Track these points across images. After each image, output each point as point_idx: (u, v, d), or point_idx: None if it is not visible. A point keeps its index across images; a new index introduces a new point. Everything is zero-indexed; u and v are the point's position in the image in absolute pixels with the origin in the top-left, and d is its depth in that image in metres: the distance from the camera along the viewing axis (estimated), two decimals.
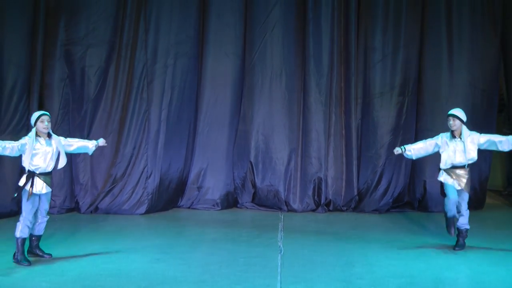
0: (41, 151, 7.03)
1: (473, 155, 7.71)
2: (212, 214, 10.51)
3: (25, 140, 6.97)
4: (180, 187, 10.95)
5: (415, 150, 7.98)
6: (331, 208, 10.93)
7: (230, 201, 11.04)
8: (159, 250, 7.79)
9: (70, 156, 10.27)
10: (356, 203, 10.97)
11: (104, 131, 10.40)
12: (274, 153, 10.98)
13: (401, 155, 8.18)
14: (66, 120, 10.37)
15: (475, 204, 11.07)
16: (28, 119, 10.07)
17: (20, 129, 9.96)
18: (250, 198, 11.08)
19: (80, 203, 10.38)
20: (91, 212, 10.34)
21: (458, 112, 7.75)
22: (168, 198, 10.72)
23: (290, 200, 10.91)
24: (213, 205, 10.87)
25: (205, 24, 10.86)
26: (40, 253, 7.30)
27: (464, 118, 7.79)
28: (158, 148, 10.46)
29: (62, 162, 7.17)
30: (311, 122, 10.88)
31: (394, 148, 10.75)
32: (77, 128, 10.36)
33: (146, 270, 6.92)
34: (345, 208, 10.91)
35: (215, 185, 10.90)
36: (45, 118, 7.06)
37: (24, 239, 7.07)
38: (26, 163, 6.96)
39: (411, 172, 11.08)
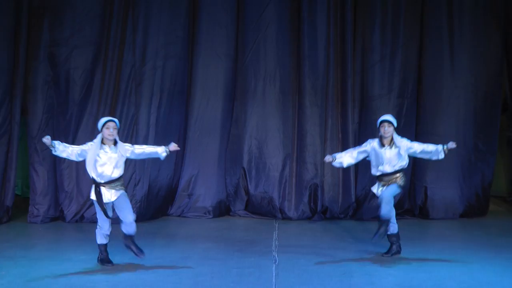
0: (106, 158, 7.07)
1: (405, 163, 7.81)
2: (204, 222, 10.49)
3: (87, 146, 7.05)
4: (170, 194, 10.95)
5: (344, 158, 7.95)
6: (327, 215, 10.92)
7: (222, 209, 11.02)
8: (148, 260, 7.73)
9: (54, 163, 10.28)
10: (354, 211, 10.97)
11: (90, 136, 10.21)
12: (268, 159, 10.99)
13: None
14: (50, 125, 10.36)
15: (477, 211, 11.10)
16: (11, 124, 10.07)
17: (2, 134, 9.91)
18: (243, 205, 11.10)
19: (65, 212, 10.35)
20: (77, 221, 10.33)
21: (392, 118, 7.76)
22: (157, 206, 10.72)
23: (285, 208, 10.91)
24: (205, 213, 10.84)
25: (196, 24, 10.87)
26: (135, 250, 7.34)
27: (396, 124, 7.80)
28: None
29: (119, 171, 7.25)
30: (306, 126, 10.88)
31: None
32: (62, 133, 10.33)
33: (134, 282, 6.88)
34: (342, 216, 10.90)
35: (206, 193, 10.89)
36: (111, 124, 7.09)
37: (104, 245, 7.36)
38: (89, 171, 7.07)
39: (412, 177, 11.07)
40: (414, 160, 10.94)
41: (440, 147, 7.85)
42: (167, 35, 10.56)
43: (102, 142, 7.14)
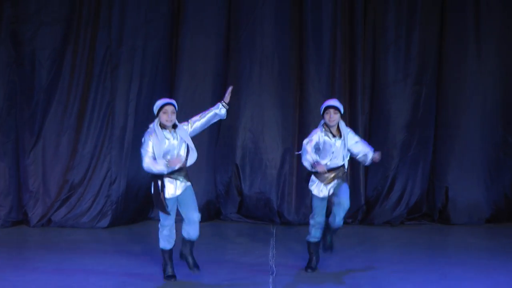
0: (168, 146, 7.10)
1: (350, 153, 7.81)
2: None
3: (149, 144, 7.02)
4: (151, 195, 10.72)
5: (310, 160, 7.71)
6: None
7: (211, 212, 11.00)
8: (126, 271, 7.74)
9: (17, 157, 10.25)
10: (364, 214, 10.98)
11: (59, 127, 10.37)
12: (265, 154, 10.98)
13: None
14: (12, 114, 10.34)
15: (506, 215, 11.10)
16: None
17: None
18: (235, 208, 11.07)
19: (30, 215, 10.33)
20: (43, 225, 10.31)
21: (338, 103, 7.65)
22: (137, 208, 10.73)
23: (284, 211, 10.91)
24: None
25: None
26: (191, 263, 7.32)
27: (342, 111, 7.72)
28: (125, 148, 10.44)
29: (193, 156, 7.25)
30: (309, 117, 10.84)
31: (409, 147, 10.88)
32: (26, 123, 10.33)
33: None
34: (350, 220, 10.83)
35: None
36: (169, 108, 7.11)
37: (166, 250, 7.32)
38: (158, 165, 7.05)
39: (430, 176, 11.07)
40: (434, 156, 11.00)
41: (370, 153, 7.79)
42: (149, 11, 10.55)
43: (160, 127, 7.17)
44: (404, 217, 10.95)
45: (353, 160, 10.91)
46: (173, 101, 7.26)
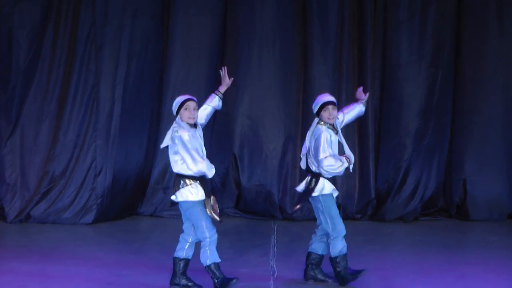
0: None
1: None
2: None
3: (186, 136, 6.92)
4: (140, 188, 10.98)
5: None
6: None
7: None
8: (112, 271, 7.71)
9: None
10: (374, 209, 10.99)
11: (38, 114, 10.38)
12: (265, 143, 11.01)
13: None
14: None
15: None
16: None
17: None
18: (233, 202, 11.11)
19: (6, 210, 10.34)
20: (21, 221, 10.32)
21: (333, 97, 7.55)
22: (124, 203, 10.74)
23: (286, 205, 10.92)
24: None
25: None
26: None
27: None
28: (111, 136, 10.44)
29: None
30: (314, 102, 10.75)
31: (423, 136, 10.85)
32: (2, 109, 10.36)
33: None
34: (359, 216, 10.92)
35: None
36: (191, 105, 7.06)
37: (183, 260, 7.22)
38: (197, 165, 6.95)
39: (447, 167, 11.11)
40: (451, 146, 11.03)
41: (359, 106, 7.75)
42: None
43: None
44: (418, 213, 10.97)
45: (362, 150, 11.00)
46: (195, 98, 7.20)
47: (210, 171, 7.05)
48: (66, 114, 10.32)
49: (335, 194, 7.47)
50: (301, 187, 7.48)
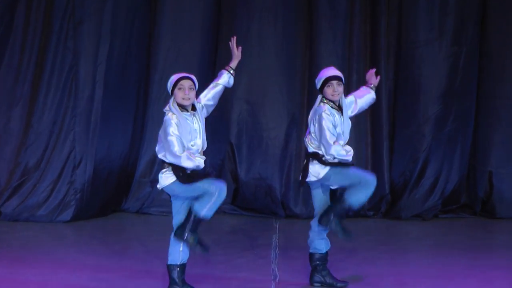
0: (191, 132, 7.03)
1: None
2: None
3: (175, 126, 6.86)
4: (125, 181, 11.02)
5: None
6: (350, 212, 10.72)
7: None
8: (93, 276, 7.70)
9: None
10: (388, 206, 11.03)
11: (9, 98, 10.42)
12: (266, 130, 11.05)
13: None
14: None
15: None
16: None
17: None
18: (230, 197, 11.06)
19: None
20: None
21: (339, 72, 7.48)
22: (107, 198, 10.77)
23: (290, 201, 10.98)
24: None
25: None
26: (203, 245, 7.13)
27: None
28: (91, 123, 10.45)
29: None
30: None
31: (444, 123, 10.83)
32: None
33: None
34: (371, 213, 10.94)
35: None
36: (186, 83, 6.99)
37: (180, 266, 7.09)
38: (181, 154, 6.86)
39: (471, 158, 11.15)
40: (475, 134, 11.10)
41: (371, 93, 7.69)
42: None
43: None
44: (439, 209, 10.98)
45: (374, 138, 10.96)
46: (192, 76, 7.15)
47: (188, 164, 6.89)
48: (41, 98, 10.31)
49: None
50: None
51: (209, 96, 7.23)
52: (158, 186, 7.04)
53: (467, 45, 10.94)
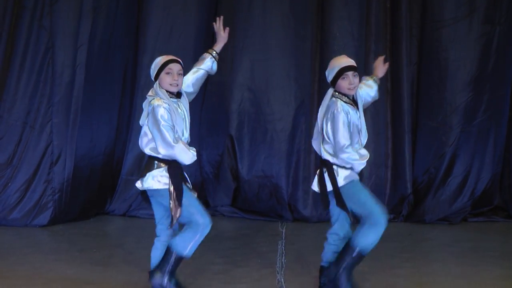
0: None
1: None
2: None
3: (161, 108, 6.92)
4: (109, 180, 11.14)
5: None
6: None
7: None
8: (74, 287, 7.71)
9: None
10: (411, 208, 11.08)
11: None
12: (271, 122, 11.12)
13: None
14: None
15: None
16: None
17: None
18: (229, 198, 11.25)
19: None
20: None
21: (353, 61, 7.44)
22: (89, 199, 10.85)
23: (298, 202, 11.02)
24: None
25: None
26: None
27: None
28: (71, 113, 10.48)
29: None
30: None
31: (474, 113, 10.87)
32: None
33: None
34: (391, 216, 10.88)
35: None
36: (175, 68, 7.09)
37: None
38: (171, 146, 6.96)
39: (505, 154, 11.20)
40: (509, 129, 11.18)
41: (371, 82, 7.62)
42: None
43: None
44: (468, 212, 11.00)
45: (395, 131, 10.95)
46: (178, 59, 7.21)
47: (185, 157, 6.99)
48: (12, 85, 10.34)
49: (356, 178, 7.32)
50: (315, 185, 7.35)
51: (189, 82, 7.31)
52: (139, 184, 7.06)
53: (501, 23, 10.96)
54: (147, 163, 7.07)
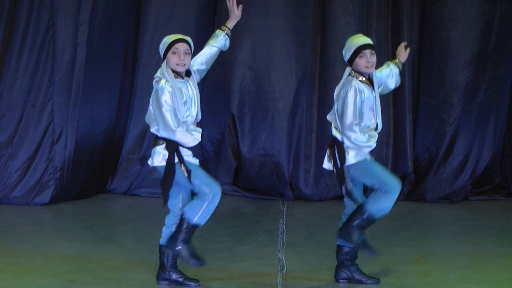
0: (186, 101, 7.07)
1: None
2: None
3: (169, 97, 6.89)
4: (111, 158, 11.13)
5: None
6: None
7: None
8: (75, 266, 7.70)
9: None
10: (412, 187, 11.12)
11: None
12: (272, 100, 11.10)
13: None
14: None
15: None
16: None
17: None
18: (230, 176, 11.28)
19: None
20: None
21: (370, 39, 7.39)
22: (90, 178, 10.87)
23: (299, 181, 11.06)
24: None
25: None
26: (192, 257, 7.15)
27: None
28: (72, 92, 10.46)
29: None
30: (336, 47, 10.83)
31: (475, 91, 10.83)
32: None
33: None
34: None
35: None
36: (182, 47, 7.04)
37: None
38: (175, 128, 6.92)
39: (506, 132, 11.19)
40: (510, 108, 11.15)
41: (394, 68, 7.51)
42: None
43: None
44: (469, 191, 11.03)
45: (396, 109, 10.96)
46: (188, 38, 7.16)
47: (186, 141, 6.96)
48: (12, 63, 10.33)
49: (368, 157, 7.29)
50: (326, 163, 7.32)
51: (202, 59, 7.26)
52: (149, 162, 7.04)
53: (502, 1, 10.96)
54: (153, 142, 7.06)
